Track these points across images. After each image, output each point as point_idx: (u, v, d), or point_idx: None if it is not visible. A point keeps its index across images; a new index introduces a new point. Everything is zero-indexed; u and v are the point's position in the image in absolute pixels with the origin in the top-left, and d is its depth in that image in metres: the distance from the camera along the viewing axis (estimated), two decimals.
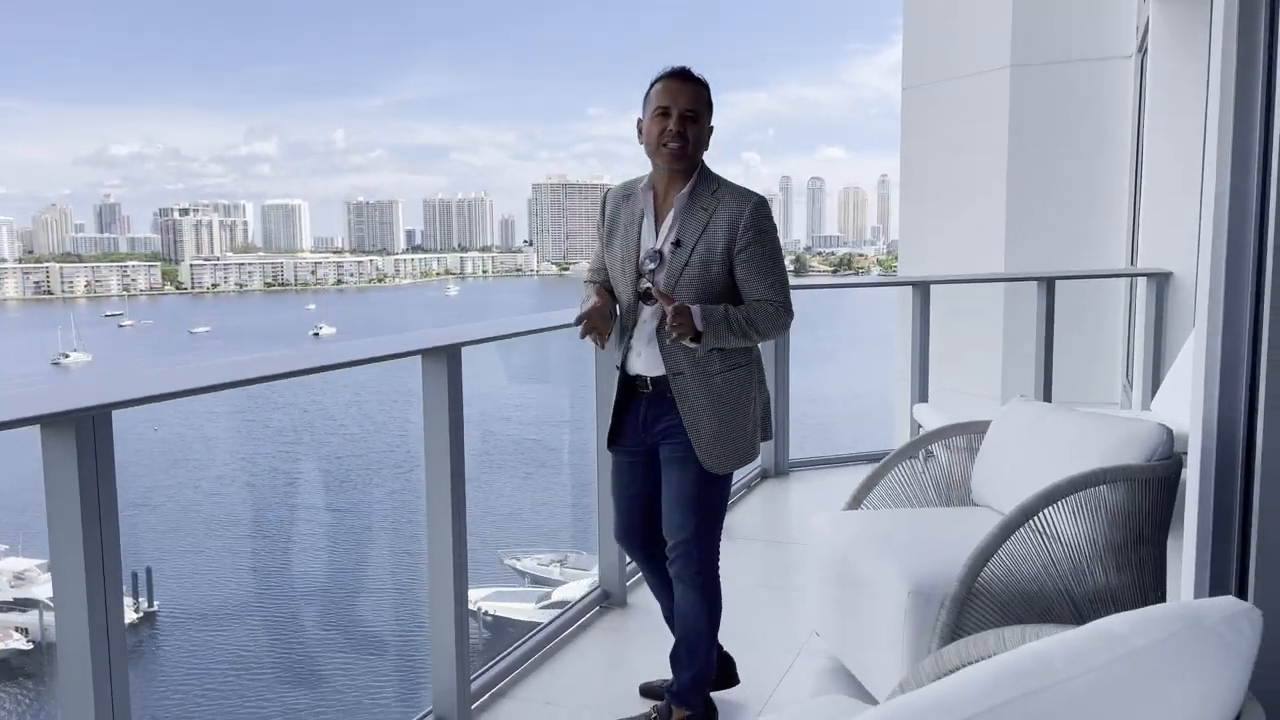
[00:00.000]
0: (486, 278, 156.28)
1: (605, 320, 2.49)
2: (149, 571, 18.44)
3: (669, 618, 2.76)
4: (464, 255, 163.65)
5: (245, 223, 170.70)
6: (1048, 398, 6.01)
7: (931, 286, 5.89)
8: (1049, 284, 6.01)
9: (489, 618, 17.69)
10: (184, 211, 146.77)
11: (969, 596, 2.34)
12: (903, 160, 8.43)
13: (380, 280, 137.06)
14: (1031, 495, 2.42)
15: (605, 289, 2.61)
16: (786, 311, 2.44)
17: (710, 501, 2.53)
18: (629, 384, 2.56)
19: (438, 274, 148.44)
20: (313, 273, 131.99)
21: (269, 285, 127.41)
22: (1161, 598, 2.55)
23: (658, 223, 2.50)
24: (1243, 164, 3.14)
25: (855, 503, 3.12)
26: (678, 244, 2.43)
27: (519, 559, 19.73)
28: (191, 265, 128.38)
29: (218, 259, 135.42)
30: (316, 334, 76.35)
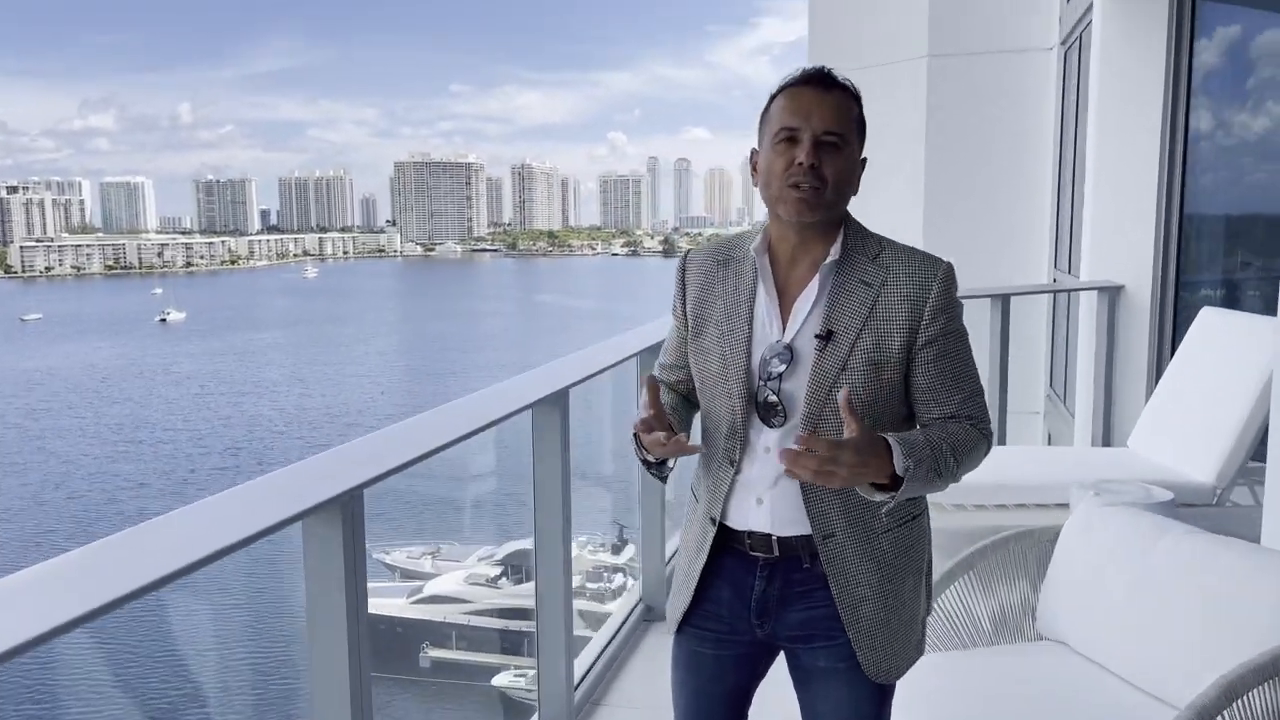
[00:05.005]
0: (348, 259, 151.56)
1: (660, 418, 1.57)
2: None
3: None
4: (323, 236, 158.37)
5: (82, 201, 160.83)
6: (1003, 419, 5.54)
7: None
8: (1004, 301, 5.49)
9: None
10: (12, 189, 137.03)
11: None
12: None
13: (233, 262, 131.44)
14: (1205, 692, 1.72)
15: (658, 392, 1.67)
16: (988, 434, 1.64)
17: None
18: (723, 541, 1.68)
19: (295, 255, 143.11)
20: (159, 255, 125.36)
21: (110, 268, 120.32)
22: None
23: (782, 302, 1.65)
24: None
25: None
26: (828, 335, 1.59)
27: (388, 553, 18.69)
28: (22, 247, 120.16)
29: (51, 240, 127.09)
30: (164, 320, 72.43)
